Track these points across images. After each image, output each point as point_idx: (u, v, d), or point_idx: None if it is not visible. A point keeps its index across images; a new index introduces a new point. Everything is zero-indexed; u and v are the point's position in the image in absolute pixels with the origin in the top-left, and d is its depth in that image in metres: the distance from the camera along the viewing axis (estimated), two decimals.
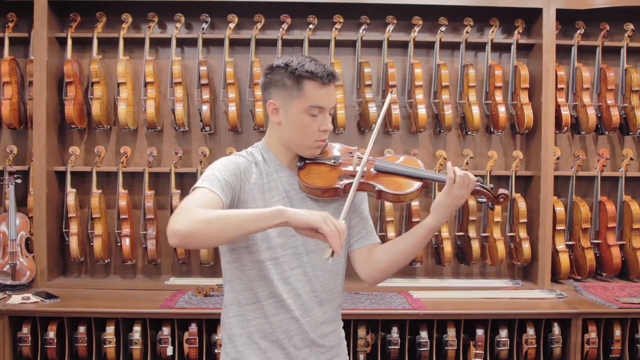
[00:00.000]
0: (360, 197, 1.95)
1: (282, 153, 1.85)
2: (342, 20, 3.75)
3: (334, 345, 1.92)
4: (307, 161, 1.85)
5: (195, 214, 1.55)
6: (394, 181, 1.84)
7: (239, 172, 1.75)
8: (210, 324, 3.27)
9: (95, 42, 3.73)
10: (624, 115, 3.85)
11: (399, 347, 3.27)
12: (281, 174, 1.84)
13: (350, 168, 1.84)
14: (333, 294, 1.89)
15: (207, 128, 3.78)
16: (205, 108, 3.71)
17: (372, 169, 1.85)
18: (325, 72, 1.75)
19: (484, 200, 1.88)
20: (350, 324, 3.23)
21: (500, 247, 3.75)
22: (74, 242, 3.70)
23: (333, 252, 1.56)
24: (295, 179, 1.84)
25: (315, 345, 1.85)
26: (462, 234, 3.82)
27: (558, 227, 3.77)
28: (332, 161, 1.85)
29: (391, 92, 2.04)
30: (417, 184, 1.83)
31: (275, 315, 1.80)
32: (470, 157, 3.82)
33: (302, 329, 1.82)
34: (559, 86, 3.76)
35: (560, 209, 3.77)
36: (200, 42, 3.73)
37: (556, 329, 3.28)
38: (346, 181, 1.80)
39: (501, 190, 1.87)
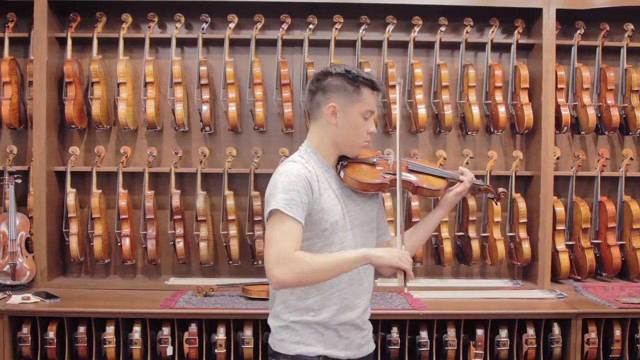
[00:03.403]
0: (381, 195, 2.25)
1: (330, 154, 2.07)
2: (342, 20, 3.75)
3: (369, 327, 2.19)
4: (350, 160, 2.09)
5: (298, 263, 1.84)
6: (427, 179, 2.18)
7: (309, 188, 1.95)
8: (210, 324, 3.27)
9: (95, 42, 3.73)
10: (624, 115, 3.85)
11: (399, 347, 3.27)
12: (328, 174, 2.05)
13: (388, 167, 2.14)
14: (372, 284, 2.16)
15: (207, 128, 3.78)
16: (205, 108, 3.71)
17: (406, 169, 2.18)
18: (378, 82, 2.05)
19: (492, 196, 2.31)
20: None
21: (500, 247, 3.75)
22: (74, 242, 3.70)
23: (406, 279, 1.91)
24: (337, 178, 2.06)
25: (359, 328, 2.11)
26: (462, 234, 3.82)
27: (558, 227, 3.77)
28: (374, 159, 2.13)
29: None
30: (444, 182, 2.19)
31: (333, 306, 2.02)
32: (470, 157, 3.82)
33: (351, 316, 2.05)
34: (559, 86, 3.76)
35: (560, 209, 3.77)
36: (200, 42, 3.73)
37: (556, 329, 3.28)
38: (389, 177, 2.09)
39: (500, 189, 2.31)
